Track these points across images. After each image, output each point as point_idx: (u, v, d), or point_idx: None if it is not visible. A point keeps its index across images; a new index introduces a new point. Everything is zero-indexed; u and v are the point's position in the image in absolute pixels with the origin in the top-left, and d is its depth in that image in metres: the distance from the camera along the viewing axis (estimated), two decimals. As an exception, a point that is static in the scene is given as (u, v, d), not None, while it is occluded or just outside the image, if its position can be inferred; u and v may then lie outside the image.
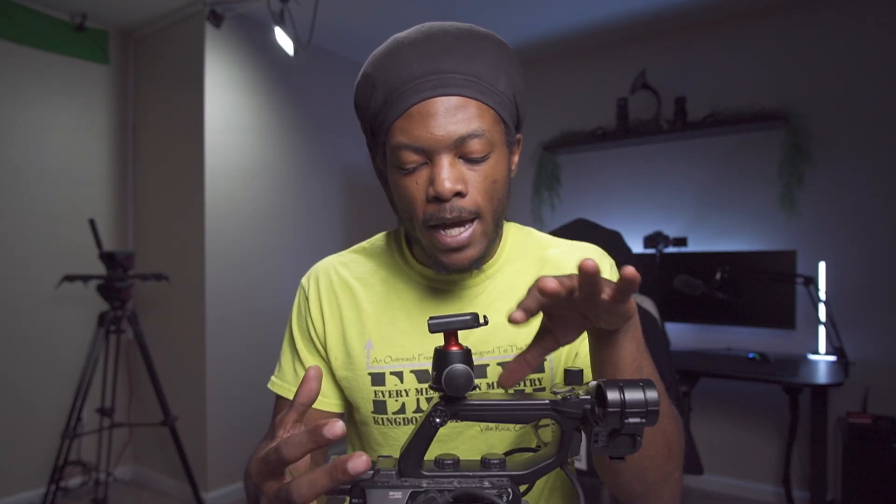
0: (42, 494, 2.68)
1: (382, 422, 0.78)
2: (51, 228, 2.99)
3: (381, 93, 0.68)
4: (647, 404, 0.44)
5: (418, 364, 0.77)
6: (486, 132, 0.67)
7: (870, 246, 2.77)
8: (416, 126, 0.66)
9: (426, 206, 0.68)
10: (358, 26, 3.24)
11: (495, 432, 0.77)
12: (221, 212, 3.00)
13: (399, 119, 0.67)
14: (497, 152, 0.69)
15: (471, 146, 0.66)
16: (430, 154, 0.66)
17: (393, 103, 0.67)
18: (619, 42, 3.47)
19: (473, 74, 0.67)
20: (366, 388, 0.78)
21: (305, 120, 3.44)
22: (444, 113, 0.65)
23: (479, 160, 0.68)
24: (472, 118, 0.66)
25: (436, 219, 0.68)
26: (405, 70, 0.66)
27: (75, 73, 3.08)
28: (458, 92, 0.66)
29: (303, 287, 0.86)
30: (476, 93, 0.67)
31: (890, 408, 2.66)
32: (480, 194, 0.68)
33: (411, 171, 0.68)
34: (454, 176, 0.66)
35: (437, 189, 0.66)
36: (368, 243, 0.88)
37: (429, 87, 0.65)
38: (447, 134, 0.65)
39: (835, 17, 2.86)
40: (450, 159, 0.66)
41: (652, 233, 3.03)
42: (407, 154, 0.67)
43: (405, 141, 0.66)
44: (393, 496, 0.48)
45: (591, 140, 3.38)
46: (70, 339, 3.03)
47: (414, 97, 0.66)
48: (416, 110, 0.66)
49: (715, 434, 3.10)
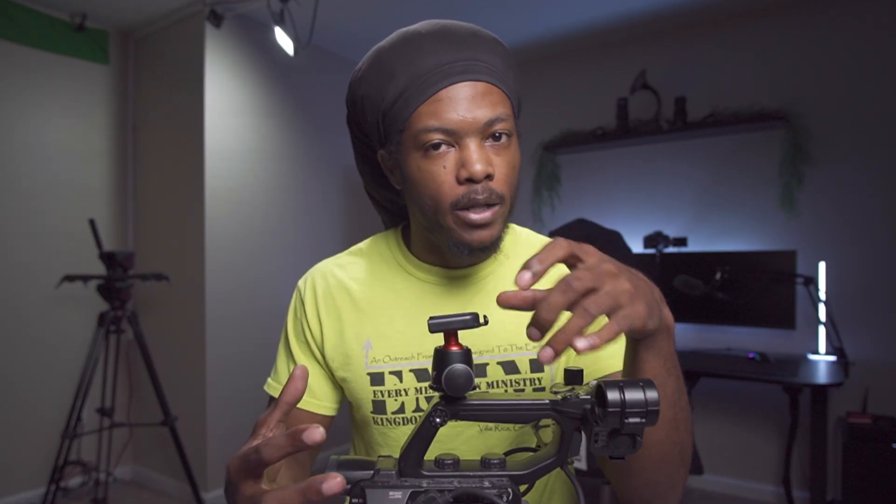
0: (42, 494, 2.68)
1: (382, 422, 0.78)
2: (51, 228, 2.99)
3: (403, 80, 0.68)
4: (648, 404, 0.44)
5: (417, 363, 0.77)
6: (508, 118, 0.69)
7: (870, 246, 2.77)
8: (445, 109, 0.66)
9: (455, 189, 0.68)
10: (358, 26, 3.24)
11: (494, 432, 0.77)
12: (221, 212, 3.00)
13: (426, 104, 0.67)
14: (515, 139, 0.71)
15: (496, 130, 0.68)
16: (460, 137, 0.67)
17: (418, 89, 0.67)
18: (619, 42, 3.47)
19: (493, 64, 0.69)
20: (365, 388, 0.78)
21: (305, 120, 3.44)
22: (472, 97, 0.66)
23: (502, 145, 0.69)
24: (497, 104, 0.68)
25: (467, 200, 0.68)
26: (430, 57, 0.67)
27: (75, 73, 3.08)
28: (483, 78, 0.67)
29: (299, 290, 0.86)
30: (497, 81, 0.69)
31: (890, 408, 2.66)
32: (504, 179, 0.69)
33: (437, 155, 0.68)
34: (485, 158, 0.67)
35: (470, 170, 0.66)
36: (364, 245, 0.88)
37: (456, 72, 0.67)
38: (476, 118, 0.66)
39: (835, 17, 2.86)
40: (478, 142, 0.67)
41: (652, 233, 3.03)
42: (434, 136, 0.67)
43: (435, 124, 0.66)
44: (393, 496, 0.48)
45: (591, 140, 3.38)
46: (70, 339, 3.03)
47: (443, 81, 0.66)
48: (444, 94, 0.66)
49: (715, 434, 3.10)
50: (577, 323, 0.45)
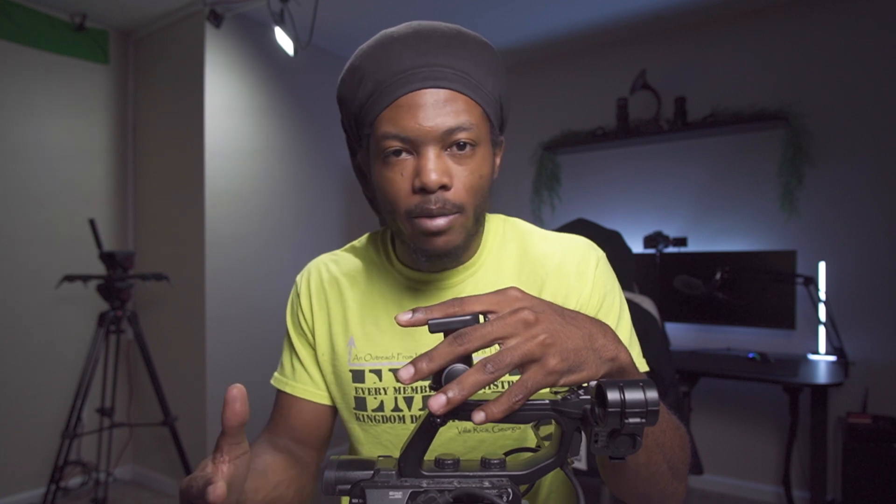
0: (42, 494, 2.68)
1: (363, 418, 0.80)
2: (51, 228, 2.99)
3: (370, 84, 0.67)
4: (647, 404, 0.44)
5: (397, 363, 0.77)
6: (473, 126, 0.67)
7: (870, 246, 2.77)
8: (404, 116, 0.65)
9: (410, 198, 0.67)
10: (358, 26, 3.24)
11: (473, 434, 0.77)
12: (221, 212, 3.00)
13: (387, 109, 0.66)
14: (483, 149, 0.69)
15: (458, 139, 0.66)
16: (417, 145, 0.66)
17: (381, 94, 0.66)
18: (619, 42, 3.47)
19: (463, 71, 0.67)
20: (348, 384, 0.79)
21: (305, 120, 3.44)
22: (433, 105, 0.65)
23: (465, 154, 0.67)
24: (461, 112, 0.66)
25: (420, 209, 0.67)
26: (395, 63, 0.66)
27: (75, 73, 3.08)
28: (447, 85, 0.65)
29: (296, 284, 0.88)
30: (465, 88, 0.66)
31: (890, 408, 2.66)
32: (465, 189, 0.68)
33: (396, 162, 0.67)
34: (440, 168, 0.65)
35: (423, 180, 0.65)
36: (358, 242, 0.89)
37: (419, 79, 0.65)
38: (435, 126, 0.65)
39: (835, 17, 2.86)
40: (436, 151, 0.66)
41: (652, 233, 3.03)
42: (393, 144, 0.66)
43: (393, 131, 0.66)
44: (393, 496, 0.48)
45: (591, 140, 3.38)
46: (70, 339, 3.03)
47: (403, 88, 0.65)
48: (405, 101, 0.65)
49: (715, 434, 3.10)
50: (475, 379, 0.43)
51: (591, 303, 0.77)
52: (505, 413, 0.44)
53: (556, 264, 0.78)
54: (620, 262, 1.78)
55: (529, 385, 0.44)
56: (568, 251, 0.79)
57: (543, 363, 0.45)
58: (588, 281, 0.78)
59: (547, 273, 0.78)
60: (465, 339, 0.45)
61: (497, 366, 0.44)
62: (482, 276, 0.79)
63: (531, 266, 0.79)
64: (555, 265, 0.78)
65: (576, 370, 0.47)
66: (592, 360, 0.48)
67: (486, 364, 0.44)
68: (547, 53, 3.70)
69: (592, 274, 0.78)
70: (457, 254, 0.72)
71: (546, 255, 0.80)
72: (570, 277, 0.78)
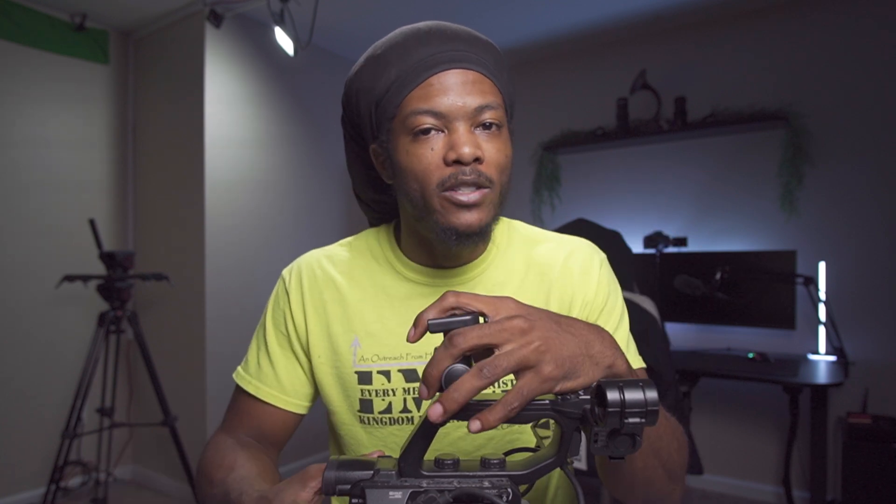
0: (42, 494, 2.68)
1: (368, 421, 0.78)
2: (51, 228, 2.99)
3: (395, 70, 0.69)
4: (647, 404, 0.44)
5: (406, 363, 0.76)
6: (499, 107, 0.69)
7: (870, 246, 2.77)
8: (435, 94, 0.67)
9: (443, 169, 0.67)
10: (358, 26, 3.24)
11: (499, 430, 0.77)
12: (221, 212, 3.00)
13: (417, 89, 0.67)
14: (506, 133, 0.72)
15: (486, 119, 0.68)
16: (450, 121, 0.67)
17: (409, 75, 0.68)
18: (619, 42, 3.47)
19: (486, 59, 0.70)
20: (352, 386, 0.77)
21: (306, 120, 3.44)
22: (462, 84, 0.67)
23: (493, 133, 0.69)
24: (488, 93, 0.68)
25: (454, 180, 0.67)
26: (423, 47, 0.68)
27: (75, 73, 3.08)
28: (474, 68, 0.68)
29: (283, 279, 0.84)
30: (490, 74, 0.70)
31: (890, 408, 2.66)
32: (494, 164, 0.69)
33: (426, 139, 0.67)
34: (473, 142, 0.67)
35: (458, 152, 0.66)
36: (356, 238, 0.87)
37: (447, 60, 0.67)
38: (466, 103, 0.67)
39: (835, 17, 2.86)
40: (467, 127, 0.67)
41: (652, 233, 3.03)
42: (425, 120, 0.67)
43: (424, 107, 0.67)
44: (393, 496, 0.48)
45: (591, 140, 3.38)
46: (70, 339, 3.03)
47: (433, 68, 0.67)
48: (435, 79, 0.67)
49: (715, 434, 3.10)
50: (470, 384, 0.44)
51: (596, 303, 0.78)
52: (500, 421, 0.44)
53: (561, 266, 0.79)
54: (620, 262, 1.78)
55: (525, 392, 0.45)
56: (572, 253, 0.80)
57: (538, 370, 0.45)
58: (593, 282, 0.79)
59: (553, 275, 0.79)
60: (459, 338, 0.45)
61: (492, 371, 0.44)
62: (492, 274, 0.79)
63: (537, 267, 0.80)
64: (560, 267, 0.79)
65: (571, 377, 0.47)
66: (588, 366, 0.48)
67: (481, 369, 0.44)
68: (547, 53, 3.70)
69: (597, 275, 0.79)
70: (484, 234, 0.71)
71: (551, 257, 0.80)
72: (574, 278, 0.79)
